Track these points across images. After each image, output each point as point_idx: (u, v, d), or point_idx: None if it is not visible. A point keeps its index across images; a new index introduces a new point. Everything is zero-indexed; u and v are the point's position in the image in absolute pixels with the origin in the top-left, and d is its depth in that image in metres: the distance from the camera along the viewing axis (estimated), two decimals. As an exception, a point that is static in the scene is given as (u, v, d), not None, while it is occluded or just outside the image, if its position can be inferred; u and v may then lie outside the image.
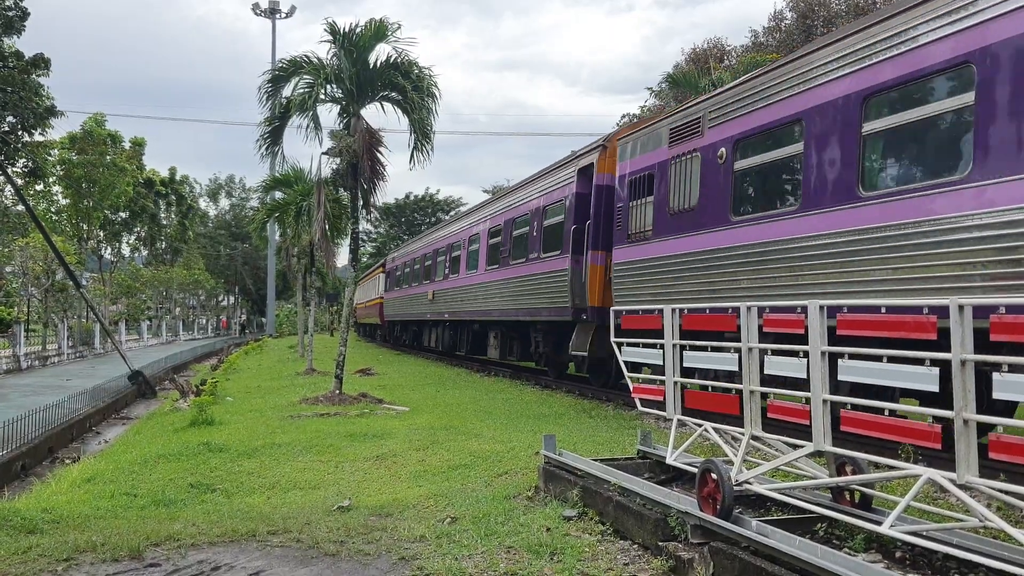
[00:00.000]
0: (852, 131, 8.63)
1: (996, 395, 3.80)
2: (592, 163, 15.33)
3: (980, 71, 7.14)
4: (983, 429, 3.99)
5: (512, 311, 19.02)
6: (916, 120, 7.90)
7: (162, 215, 64.20)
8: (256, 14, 62.82)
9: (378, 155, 16.57)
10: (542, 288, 17.06)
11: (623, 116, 37.70)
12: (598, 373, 16.02)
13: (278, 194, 29.86)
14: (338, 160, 16.82)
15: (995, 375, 3.77)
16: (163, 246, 66.87)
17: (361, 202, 17.22)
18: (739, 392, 5.53)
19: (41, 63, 29.89)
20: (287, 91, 16.57)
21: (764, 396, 5.47)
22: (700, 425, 6.06)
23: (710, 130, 11.44)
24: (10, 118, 29.62)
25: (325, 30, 15.83)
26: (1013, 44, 6.84)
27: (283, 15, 63.29)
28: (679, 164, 12.09)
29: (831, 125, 8.98)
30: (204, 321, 71.61)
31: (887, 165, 8.44)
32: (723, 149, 11.07)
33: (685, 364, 6.24)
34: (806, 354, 4.80)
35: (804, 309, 4.82)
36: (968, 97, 7.29)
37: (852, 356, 4.61)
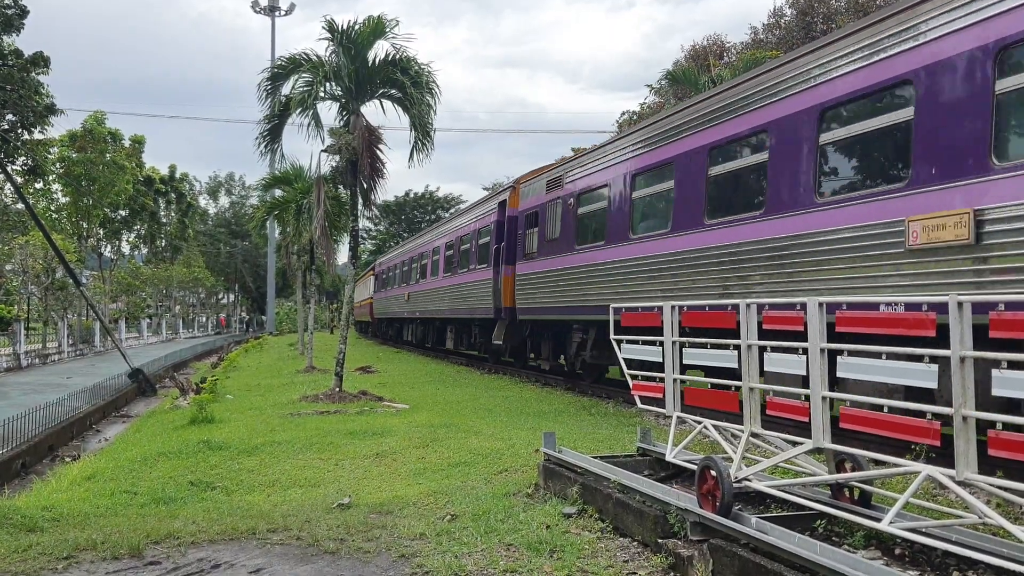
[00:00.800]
0: (628, 195, 13.66)
1: (995, 392, 3.80)
2: (506, 199, 19.93)
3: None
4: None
5: (459, 310, 23.82)
6: (658, 192, 12.74)
7: (162, 213, 64.13)
8: (255, 12, 62.84)
9: (378, 152, 16.57)
10: (477, 292, 21.63)
11: (623, 113, 37.66)
12: (518, 356, 21.32)
13: (278, 192, 29.84)
14: (338, 158, 16.82)
15: (994, 372, 3.77)
16: (163, 244, 66.80)
17: (361, 200, 17.21)
18: (738, 389, 5.54)
19: (40, 61, 29.84)
20: (286, 89, 16.58)
21: (763, 393, 5.47)
22: (700, 422, 6.06)
23: (567, 184, 16.32)
24: (10, 116, 29.59)
25: (323, 27, 15.83)
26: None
27: (282, 12, 63.31)
28: (551, 206, 17.04)
29: (620, 191, 13.92)
30: (204, 319, 71.56)
31: (642, 220, 13.36)
32: (572, 199, 15.90)
33: (685, 361, 6.24)
34: (805, 351, 4.81)
35: (804, 306, 4.82)
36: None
37: (851, 353, 4.61)
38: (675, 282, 11.82)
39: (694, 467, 5.55)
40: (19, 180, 32.33)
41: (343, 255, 38.27)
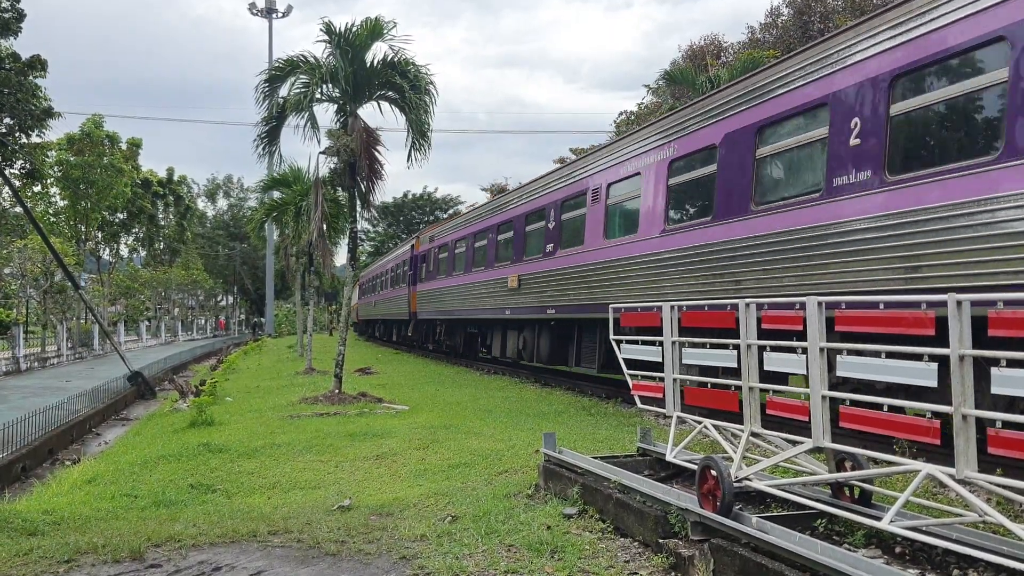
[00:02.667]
0: (454, 251, 24.91)
1: (995, 390, 3.80)
2: (414, 243, 31.82)
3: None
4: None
5: (396, 313, 35.89)
6: (462, 252, 24.06)
7: (160, 215, 64.01)
8: (253, 14, 62.75)
9: (376, 154, 16.57)
10: (402, 302, 33.39)
11: (620, 113, 37.72)
12: (422, 342, 33.08)
13: (276, 194, 29.85)
14: (336, 159, 16.82)
15: (994, 370, 3.78)
16: (161, 246, 66.67)
17: (359, 201, 17.22)
18: (738, 388, 5.54)
19: (38, 64, 29.83)
20: (284, 91, 16.58)
21: (763, 392, 5.48)
22: (700, 422, 6.07)
23: (436, 239, 27.55)
24: (7, 120, 29.57)
25: (321, 30, 15.81)
26: None
27: (280, 14, 63.22)
28: (430, 251, 28.18)
29: (453, 248, 24.82)
30: (203, 321, 71.50)
31: (465, 263, 23.51)
32: (437, 248, 27.01)
33: (684, 361, 6.25)
34: (804, 350, 4.81)
35: (803, 305, 4.82)
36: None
37: (850, 352, 4.62)
38: (473, 299, 22.17)
39: (694, 467, 5.56)
40: (17, 184, 32.30)
41: (342, 256, 38.50)
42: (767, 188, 10.17)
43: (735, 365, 5.56)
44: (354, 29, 15.67)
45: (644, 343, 6.76)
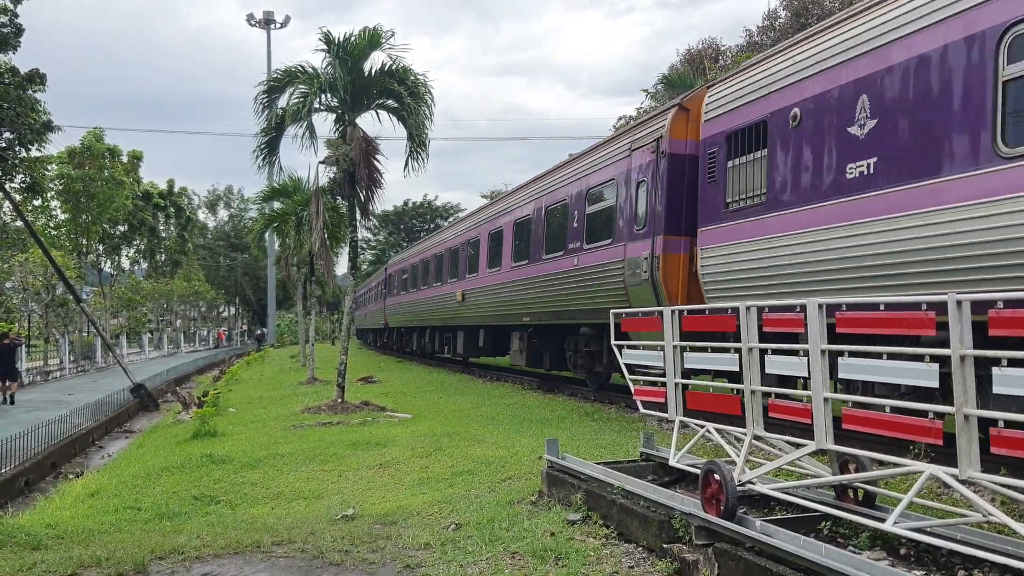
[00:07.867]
0: (363, 297, 51.35)
1: (996, 390, 3.80)
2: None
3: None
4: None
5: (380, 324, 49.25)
6: (368, 296, 49.26)
7: (161, 227, 64.00)
8: (251, 25, 62.88)
9: (375, 163, 16.58)
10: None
11: (620, 118, 37.72)
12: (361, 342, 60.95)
13: (276, 204, 29.86)
14: (335, 169, 16.83)
15: (995, 370, 3.77)
16: (163, 258, 66.65)
17: (359, 210, 17.23)
18: (740, 392, 5.54)
19: (36, 78, 29.85)
20: (283, 101, 16.61)
21: (766, 395, 5.47)
22: (702, 426, 6.06)
23: (359, 291, 49.53)
24: (7, 134, 29.59)
25: (320, 39, 15.84)
26: None
27: (278, 25, 63.33)
28: (356, 297, 35.06)
29: (373, 293, 48.09)
30: (206, 333, 71.50)
31: (363, 304, 50.57)
32: (360, 294, 50.29)
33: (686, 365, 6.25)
34: (806, 353, 4.81)
35: (803, 308, 4.82)
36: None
37: (852, 354, 4.61)
38: (359, 320, 52.30)
39: (698, 471, 5.55)
40: (17, 198, 32.33)
41: (343, 266, 38.82)
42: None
43: (736, 369, 5.55)
44: (352, 39, 15.70)
45: (645, 348, 6.77)
